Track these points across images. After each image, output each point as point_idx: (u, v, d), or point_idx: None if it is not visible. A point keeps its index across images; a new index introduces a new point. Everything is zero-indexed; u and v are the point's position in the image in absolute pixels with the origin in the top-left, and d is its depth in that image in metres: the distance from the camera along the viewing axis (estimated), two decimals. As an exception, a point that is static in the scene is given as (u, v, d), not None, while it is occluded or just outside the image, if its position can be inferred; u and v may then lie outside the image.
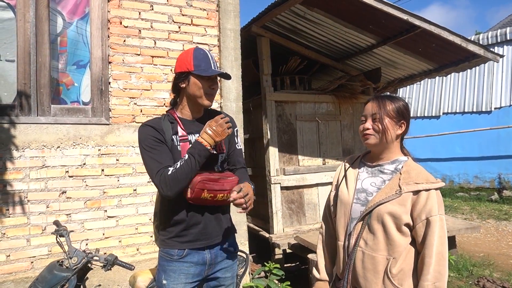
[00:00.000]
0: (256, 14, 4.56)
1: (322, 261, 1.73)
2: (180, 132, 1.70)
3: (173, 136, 1.68)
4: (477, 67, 8.08)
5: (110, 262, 2.13)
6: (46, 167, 2.87)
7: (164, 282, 1.68)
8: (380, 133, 1.51)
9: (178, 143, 1.68)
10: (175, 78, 1.75)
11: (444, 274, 1.39)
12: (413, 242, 1.47)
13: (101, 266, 2.15)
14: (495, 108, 9.82)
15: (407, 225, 1.43)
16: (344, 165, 1.72)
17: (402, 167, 1.50)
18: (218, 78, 1.81)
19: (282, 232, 4.70)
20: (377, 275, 1.44)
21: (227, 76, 1.78)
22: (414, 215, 1.42)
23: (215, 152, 1.63)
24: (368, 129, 1.53)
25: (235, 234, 1.88)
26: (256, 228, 5.10)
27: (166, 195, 1.58)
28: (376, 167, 1.57)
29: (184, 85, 1.70)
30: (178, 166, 1.57)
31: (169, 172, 1.57)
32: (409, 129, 1.57)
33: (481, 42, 9.60)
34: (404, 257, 1.44)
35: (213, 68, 1.70)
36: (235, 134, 1.90)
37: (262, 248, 4.91)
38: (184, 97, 1.75)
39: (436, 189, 1.44)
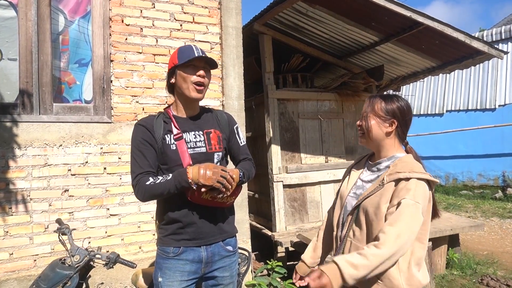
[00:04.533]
0: (258, 11, 4.56)
1: (310, 245, 1.81)
2: (175, 130, 1.71)
3: (166, 135, 1.69)
4: (481, 64, 8.00)
5: (112, 260, 2.13)
6: (48, 165, 2.87)
7: (160, 279, 1.69)
8: (365, 131, 1.58)
9: (173, 142, 1.69)
10: (167, 76, 1.78)
11: (390, 252, 1.30)
12: None
13: (103, 264, 2.15)
14: (499, 106, 9.74)
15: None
16: (352, 163, 1.78)
17: (394, 162, 1.52)
18: (213, 72, 1.81)
19: (285, 230, 4.69)
20: None
21: (212, 62, 1.73)
22: (391, 201, 1.42)
23: (195, 187, 1.58)
24: (359, 126, 1.62)
25: (236, 233, 1.88)
26: (259, 226, 5.10)
27: (138, 199, 1.67)
28: (375, 165, 1.61)
29: (173, 81, 1.73)
30: (158, 181, 1.61)
31: (147, 182, 1.61)
32: (407, 128, 1.59)
33: (485, 39, 9.52)
34: None
35: (196, 55, 1.66)
36: (235, 131, 1.89)
37: (264, 246, 4.90)
38: (176, 94, 1.77)
39: (418, 179, 1.40)
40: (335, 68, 6.10)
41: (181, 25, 3.33)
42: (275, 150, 4.72)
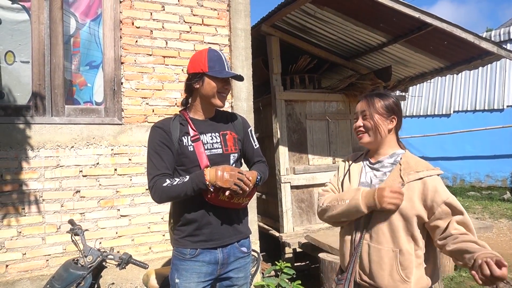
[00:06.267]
0: (265, 13, 4.58)
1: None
2: (192, 132, 1.73)
3: (183, 137, 1.71)
4: (489, 64, 7.96)
5: (125, 261, 2.16)
6: (60, 166, 2.91)
7: (177, 280, 1.71)
8: (372, 130, 1.58)
9: (190, 143, 1.71)
10: (188, 78, 1.78)
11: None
12: (423, 233, 1.47)
13: (115, 264, 2.17)
14: (507, 106, 9.66)
15: (418, 216, 1.44)
16: (348, 161, 1.76)
17: (401, 159, 1.55)
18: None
19: (292, 231, 4.70)
20: (383, 266, 1.46)
21: (240, 78, 1.80)
22: (428, 203, 1.42)
23: (212, 189, 1.61)
24: (360, 126, 1.61)
25: (250, 234, 1.89)
26: (266, 227, 5.11)
27: (154, 200, 1.68)
28: (377, 164, 1.61)
29: (198, 86, 1.73)
30: (175, 183, 1.62)
31: (164, 184, 1.62)
32: (401, 124, 1.63)
33: (493, 39, 9.44)
34: (411, 250, 1.45)
35: (226, 69, 1.74)
36: (250, 134, 1.91)
37: (271, 247, 4.91)
38: (197, 98, 1.78)
39: (437, 175, 1.48)
40: (343, 69, 6.10)
41: (190, 27, 3.36)
42: (283, 151, 4.73)
